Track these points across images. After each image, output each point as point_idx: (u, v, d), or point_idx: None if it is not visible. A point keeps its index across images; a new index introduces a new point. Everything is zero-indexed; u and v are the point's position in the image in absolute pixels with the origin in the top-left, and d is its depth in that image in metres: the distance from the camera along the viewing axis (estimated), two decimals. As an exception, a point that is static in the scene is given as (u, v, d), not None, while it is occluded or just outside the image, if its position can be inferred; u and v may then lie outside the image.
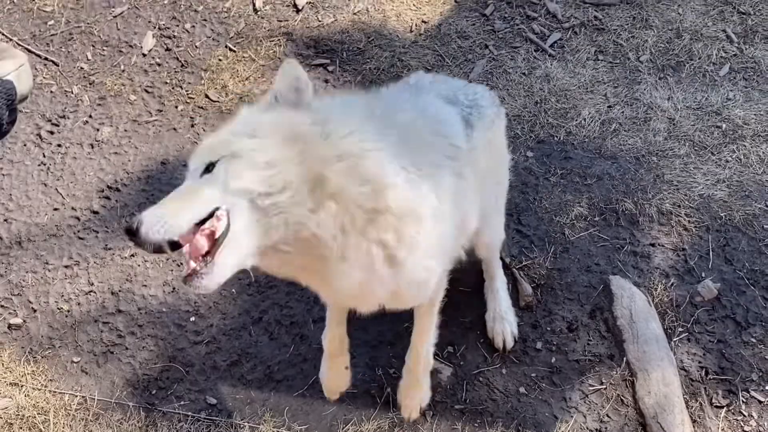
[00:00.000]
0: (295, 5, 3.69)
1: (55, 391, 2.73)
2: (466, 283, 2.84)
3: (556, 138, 3.25)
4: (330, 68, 3.49)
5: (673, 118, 3.29)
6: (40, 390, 2.73)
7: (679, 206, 3.05)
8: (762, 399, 2.63)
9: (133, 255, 3.03)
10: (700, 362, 2.73)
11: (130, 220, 1.76)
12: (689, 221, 3.02)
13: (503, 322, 2.76)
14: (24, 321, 2.89)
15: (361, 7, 3.67)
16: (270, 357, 2.78)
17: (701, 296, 2.84)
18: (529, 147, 3.23)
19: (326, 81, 3.45)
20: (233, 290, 2.92)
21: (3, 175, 3.26)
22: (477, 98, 2.43)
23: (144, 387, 2.73)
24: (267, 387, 2.72)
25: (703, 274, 2.90)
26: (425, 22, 3.61)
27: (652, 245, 2.97)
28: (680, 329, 2.79)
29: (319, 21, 3.62)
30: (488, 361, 2.75)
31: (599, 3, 3.65)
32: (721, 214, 3.03)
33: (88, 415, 2.67)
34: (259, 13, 3.69)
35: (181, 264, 2.65)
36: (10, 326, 2.88)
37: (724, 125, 3.27)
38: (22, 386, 2.74)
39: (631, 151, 3.21)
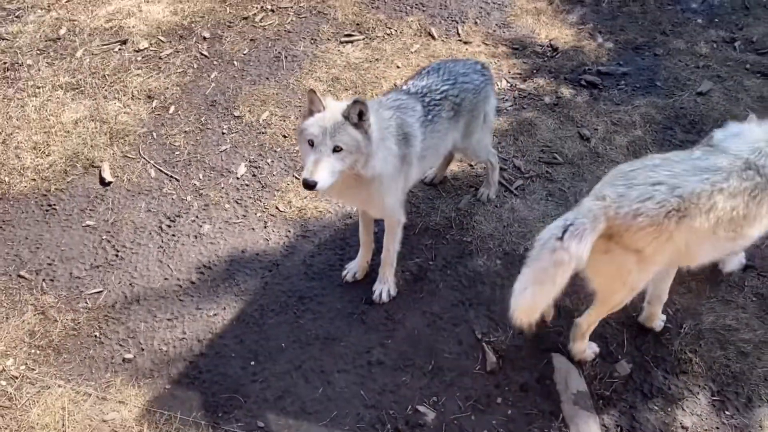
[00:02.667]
0: (342, 151, 3.79)
1: (149, 409, 2.68)
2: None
3: (517, 252, 3.24)
4: (363, 194, 3.55)
5: (600, 243, 3.28)
6: (139, 407, 2.68)
7: (603, 306, 3.01)
8: (661, 452, 2.52)
9: (215, 314, 3.02)
10: (616, 422, 2.64)
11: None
12: (610, 317, 2.97)
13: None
14: (134, 357, 2.87)
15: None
16: (305, 395, 2.72)
17: (618, 372, 2.78)
18: (498, 257, 3.23)
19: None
20: (282, 344, 2.88)
21: (133, 253, 3.30)
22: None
23: (213, 410, 2.68)
24: (301, 417, 2.66)
25: (620, 357, 2.83)
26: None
27: (583, 332, 2.91)
28: (602, 396, 2.70)
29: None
30: (462, 409, 2.67)
31: (550, 162, 3.71)
32: (633, 314, 2.98)
33: (171, 428, 2.62)
34: (317, 154, 3.78)
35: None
36: (124, 359, 2.86)
37: (636, 251, 3.25)
38: (126, 404, 2.70)
39: (570, 264, 3.19)
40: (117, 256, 3.29)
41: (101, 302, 3.09)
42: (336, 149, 2.36)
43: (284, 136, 3.88)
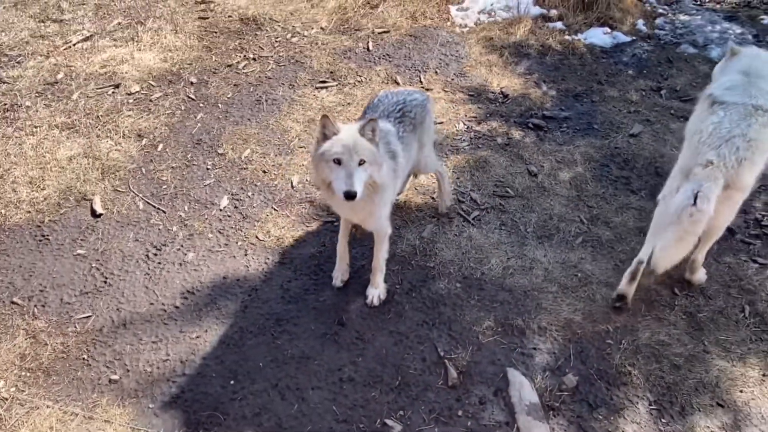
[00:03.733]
0: (317, 186, 3.76)
1: (134, 428, 2.56)
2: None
3: (475, 275, 3.24)
4: (335, 224, 3.50)
5: (548, 268, 3.30)
6: (124, 426, 2.56)
7: (552, 324, 3.01)
8: (606, 458, 2.50)
9: (198, 337, 2.92)
10: (565, 430, 2.61)
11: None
12: (557, 334, 2.97)
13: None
14: (120, 377, 2.75)
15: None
16: (281, 411, 2.64)
17: (566, 385, 2.76)
18: (458, 280, 3.21)
19: (333, 231, 3.46)
20: (260, 364, 2.80)
21: (121, 280, 3.19)
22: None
23: (194, 428, 2.57)
24: (277, 432, 2.56)
25: (567, 370, 2.82)
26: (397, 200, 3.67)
27: (534, 349, 2.90)
28: (552, 407, 2.68)
29: (331, 195, 3.67)
30: (426, 422, 2.62)
31: (503, 195, 3.74)
32: (578, 331, 2.99)
33: (154, 446, 2.49)
34: (294, 188, 3.75)
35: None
36: (110, 380, 2.74)
37: (579, 274, 3.27)
38: (112, 422, 2.58)
39: (522, 287, 3.19)
40: (105, 282, 3.17)
41: (89, 326, 2.96)
42: (361, 162, 2.46)
43: (264, 172, 3.84)
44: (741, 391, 2.76)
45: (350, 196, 2.41)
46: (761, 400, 2.74)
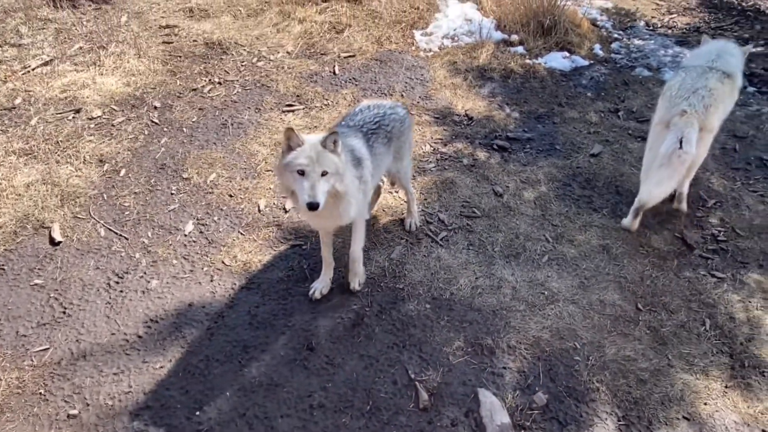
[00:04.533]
0: (284, 208, 3.73)
1: (93, 465, 2.44)
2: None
3: (444, 296, 3.24)
4: (304, 247, 3.48)
5: (515, 287, 3.33)
6: (82, 464, 2.44)
7: (520, 343, 3.02)
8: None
9: (162, 367, 2.83)
10: (536, 449, 2.60)
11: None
12: (527, 353, 2.98)
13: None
14: (79, 412, 2.63)
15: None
16: (249, 441, 2.56)
17: (536, 403, 2.76)
18: (427, 301, 3.21)
19: (301, 255, 3.42)
20: (227, 393, 2.72)
21: (81, 310, 3.08)
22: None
23: (158, 462, 2.46)
24: (245, 463, 2.48)
25: (536, 388, 2.83)
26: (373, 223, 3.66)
27: (504, 368, 2.91)
28: (524, 426, 2.67)
29: (298, 219, 3.65)
30: (398, 446, 2.57)
31: (469, 215, 3.78)
32: (546, 349, 3.00)
33: (115, 484, 2.38)
34: (261, 212, 3.71)
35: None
36: (69, 416, 2.62)
37: (546, 292, 3.31)
38: (70, 461, 2.45)
39: (490, 306, 3.20)
40: (64, 313, 3.05)
41: (47, 359, 2.84)
42: (323, 173, 2.54)
43: (230, 196, 3.79)
44: (705, 404, 2.81)
45: (313, 207, 2.49)
46: (724, 411, 2.79)
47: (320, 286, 3.15)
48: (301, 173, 2.53)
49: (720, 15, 6.28)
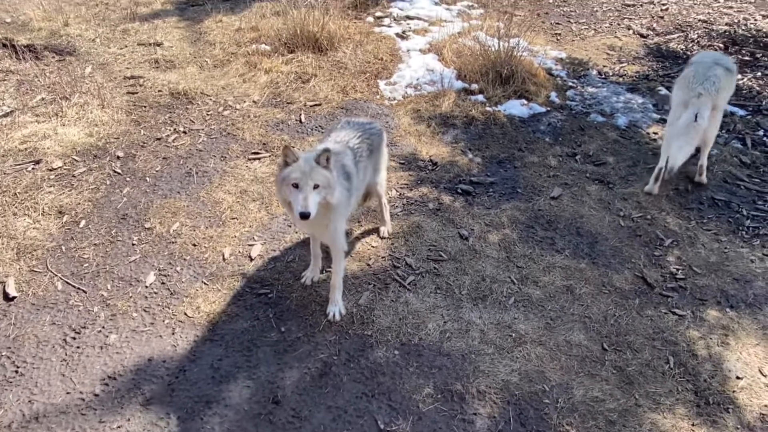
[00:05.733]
0: (249, 256, 3.68)
1: None
2: None
3: (413, 341, 3.20)
4: (270, 296, 3.42)
5: (483, 330, 3.32)
6: None
7: (490, 387, 2.99)
8: None
9: (119, 427, 2.69)
10: (509, 497, 2.54)
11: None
12: (496, 397, 2.95)
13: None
14: (27, 480, 2.46)
15: (293, 257, 3.70)
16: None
17: (507, 449, 2.71)
18: (396, 348, 3.17)
19: (267, 304, 3.36)
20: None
21: (34, 368, 2.93)
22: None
23: None
24: None
25: (508, 434, 2.78)
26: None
27: (475, 414, 2.86)
28: (495, 473, 2.62)
29: (264, 266, 3.61)
30: (367, 502, 2.47)
31: (436, 259, 3.79)
32: (516, 393, 2.98)
33: None
34: (226, 260, 3.65)
35: None
36: (15, 485, 2.44)
37: (513, 334, 3.31)
38: None
39: (459, 350, 3.18)
40: (17, 372, 2.90)
41: (-5, 423, 2.67)
42: (315, 186, 2.76)
43: (194, 245, 3.73)
44: (673, 443, 2.81)
45: (305, 216, 2.71)
46: (693, 450, 2.79)
47: (311, 274, 3.48)
48: (296, 186, 2.75)
49: (667, 63, 6.64)
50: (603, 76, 6.45)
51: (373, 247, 3.82)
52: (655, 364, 3.19)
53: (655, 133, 5.34)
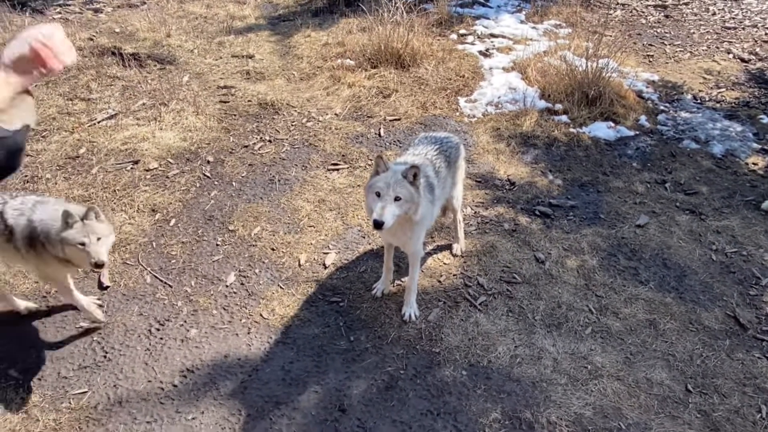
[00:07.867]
0: (324, 264, 3.77)
1: None
2: None
3: (481, 363, 3.15)
4: (341, 304, 3.49)
5: (557, 358, 3.21)
6: None
7: (561, 419, 2.89)
8: None
9: (194, 418, 2.82)
10: None
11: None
12: (568, 430, 2.84)
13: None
14: (109, 459, 2.63)
15: (365, 268, 3.75)
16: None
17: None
18: (463, 368, 3.13)
19: (338, 312, 3.42)
20: (257, 450, 2.67)
21: (121, 355, 3.13)
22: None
23: None
24: None
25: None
26: (397, 285, 3.65)
27: (543, 445, 2.77)
28: None
29: (337, 275, 3.68)
30: None
31: (510, 281, 3.72)
32: (589, 428, 2.85)
33: None
34: (301, 266, 3.76)
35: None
36: (99, 463, 2.61)
37: (589, 366, 3.18)
38: None
39: (530, 377, 3.09)
40: (105, 357, 3.11)
41: (84, 402, 2.87)
42: (396, 198, 2.78)
43: (272, 249, 3.87)
44: (764, 501, 2.59)
45: (378, 225, 2.72)
46: None
47: (382, 286, 3.53)
48: (378, 195, 2.78)
49: (770, 90, 6.22)
50: (698, 101, 6.12)
51: (445, 264, 3.80)
52: (745, 412, 2.96)
53: (755, 164, 5.00)
